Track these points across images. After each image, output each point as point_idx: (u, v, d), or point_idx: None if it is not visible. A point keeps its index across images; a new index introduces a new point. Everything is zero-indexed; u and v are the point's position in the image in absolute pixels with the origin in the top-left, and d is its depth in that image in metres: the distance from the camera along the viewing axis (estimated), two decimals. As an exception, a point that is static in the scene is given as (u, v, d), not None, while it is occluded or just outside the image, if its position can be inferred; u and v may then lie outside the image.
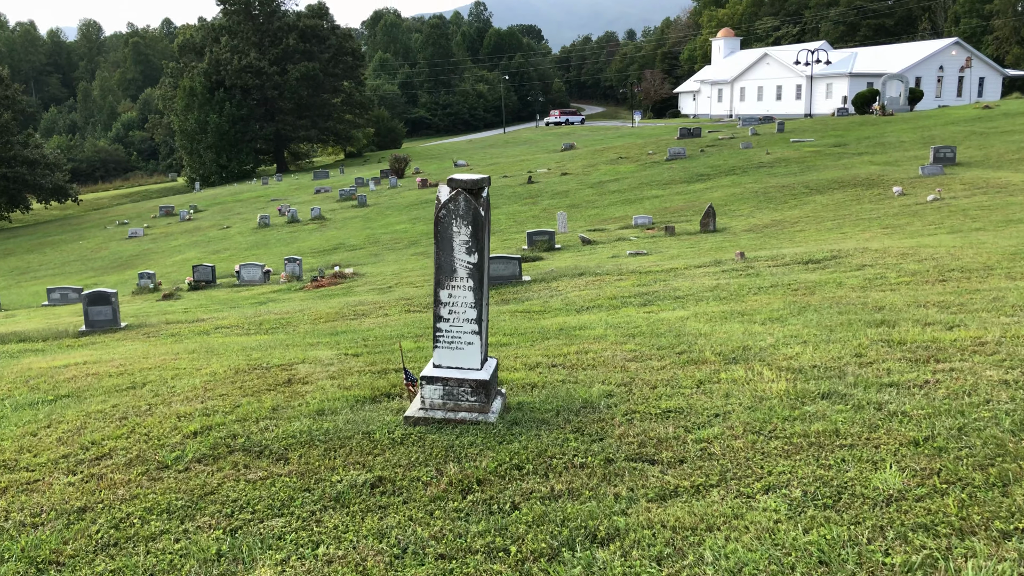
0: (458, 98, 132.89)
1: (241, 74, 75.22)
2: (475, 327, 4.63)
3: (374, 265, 27.26)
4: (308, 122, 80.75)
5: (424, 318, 11.10)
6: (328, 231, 38.01)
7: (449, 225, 4.41)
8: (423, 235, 33.82)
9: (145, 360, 8.28)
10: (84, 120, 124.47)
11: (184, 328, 12.43)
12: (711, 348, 6.26)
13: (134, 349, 10.05)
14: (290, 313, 13.48)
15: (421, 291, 17.88)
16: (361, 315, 12.58)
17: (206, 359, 7.80)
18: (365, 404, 5.33)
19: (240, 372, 6.67)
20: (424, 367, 4.86)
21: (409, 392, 5.01)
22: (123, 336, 12.23)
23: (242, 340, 10.37)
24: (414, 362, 6.63)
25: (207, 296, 22.69)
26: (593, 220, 32.72)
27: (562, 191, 40.73)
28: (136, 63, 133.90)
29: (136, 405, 5.81)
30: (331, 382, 6.03)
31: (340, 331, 10.28)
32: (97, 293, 12.92)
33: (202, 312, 18.38)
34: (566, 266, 18.99)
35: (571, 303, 10.78)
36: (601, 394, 5.14)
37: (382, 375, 6.25)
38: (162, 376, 6.86)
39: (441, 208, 4.40)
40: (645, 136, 68.29)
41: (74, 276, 35.46)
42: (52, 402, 6.39)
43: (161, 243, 40.71)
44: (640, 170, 44.40)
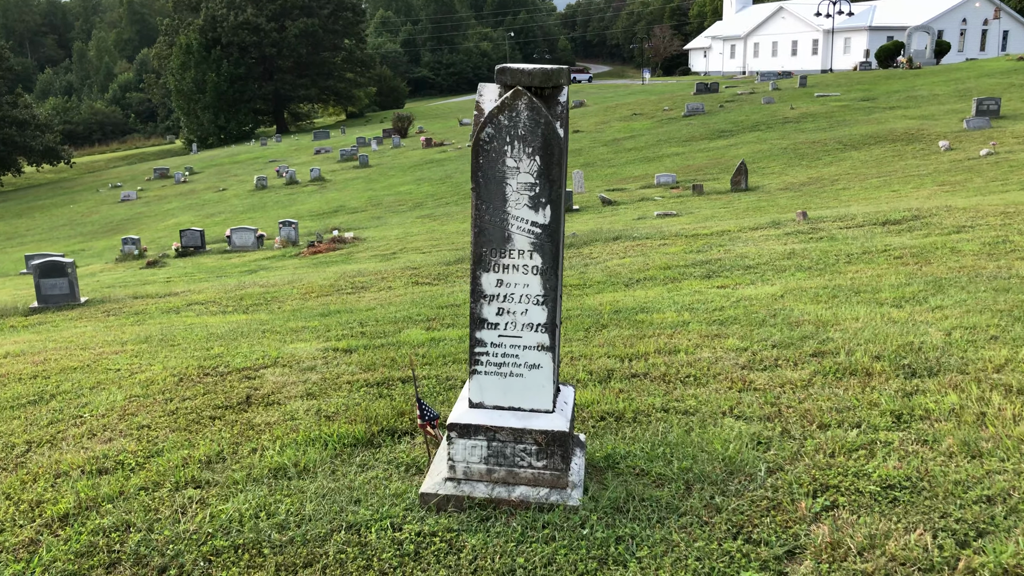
0: (461, 57, 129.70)
1: (238, 31, 72.27)
2: (544, 337, 2.71)
3: (376, 229, 25.28)
4: (308, 81, 77.88)
5: (435, 292, 9.16)
6: (328, 193, 35.99)
7: (499, 157, 2.47)
8: (428, 196, 31.83)
9: (79, 353, 6.37)
10: (80, 82, 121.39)
11: (152, 304, 10.52)
12: (861, 348, 4.32)
13: (79, 334, 8.14)
14: (278, 285, 11.55)
15: (429, 258, 15.92)
16: (360, 288, 10.64)
17: (152, 354, 5.89)
18: (355, 452, 3.41)
19: (185, 381, 4.77)
20: (451, 399, 2.93)
21: (427, 436, 3.07)
22: (79, 314, 10.33)
23: (213, 322, 8.44)
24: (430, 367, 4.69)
25: (194, 263, 20.76)
26: (611, 179, 30.64)
27: (575, 149, 38.57)
28: (132, 22, 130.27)
29: (13, 443, 3.90)
30: (307, 404, 4.12)
31: (332, 310, 8.35)
32: (50, 263, 10.99)
33: (182, 283, 16.47)
34: (591, 229, 17.00)
35: (615, 275, 8.81)
36: (746, 442, 3.18)
37: (383, 390, 4.34)
38: (81, 384, 4.96)
39: (486, 126, 2.48)
40: (658, 93, 65.66)
41: (62, 242, 33.60)
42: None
43: (154, 206, 38.75)
44: (657, 127, 42.15)
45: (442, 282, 10.52)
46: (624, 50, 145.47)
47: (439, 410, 3.35)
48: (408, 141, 50.10)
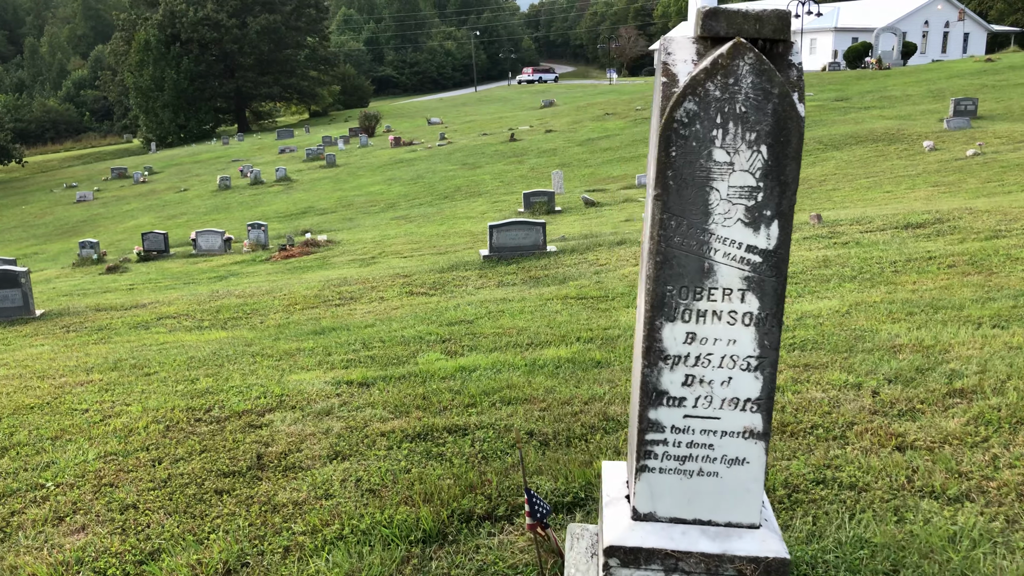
0: (426, 56, 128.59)
1: (198, 27, 70.22)
2: (754, 419, 1.87)
3: (350, 231, 24.26)
4: (271, 79, 76.04)
5: (436, 305, 8.28)
6: (295, 193, 34.80)
7: (704, 147, 1.60)
8: (401, 197, 30.85)
9: (36, 385, 5.39)
10: (32, 78, 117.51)
11: (117, 319, 9.47)
12: (1010, 385, 3.56)
13: (35, 356, 7.11)
14: (256, 296, 10.56)
15: (413, 263, 15.01)
16: (348, 299, 9.72)
17: (126, 388, 4.94)
18: (427, 554, 2.52)
19: (173, 430, 3.86)
20: (600, 512, 2.00)
21: (538, 537, 2.21)
22: (34, 330, 9.25)
23: (190, 341, 7.47)
24: (475, 410, 3.82)
25: (158, 268, 19.56)
26: (589, 180, 29.93)
27: (549, 149, 37.81)
28: (86, 18, 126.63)
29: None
30: (339, 471, 3.24)
31: (326, 327, 7.43)
32: (1, 273, 9.88)
33: (147, 292, 15.33)
34: (582, 232, 16.25)
35: (636, 285, 8.01)
36: (974, 542, 2.33)
37: (431, 447, 3.48)
38: (41, 433, 4.01)
39: (685, 99, 1.60)
40: (627, 93, 65.23)
41: (13, 245, 31.98)
42: None
43: (112, 207, 37.16)
44: (631, 126, 41.60)
45: (439, 292, 9.64)
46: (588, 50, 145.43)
47: (543, 503, 2.48)
48: (376, 140, 48.98)
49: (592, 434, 3.52)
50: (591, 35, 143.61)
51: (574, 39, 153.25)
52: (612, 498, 2.05)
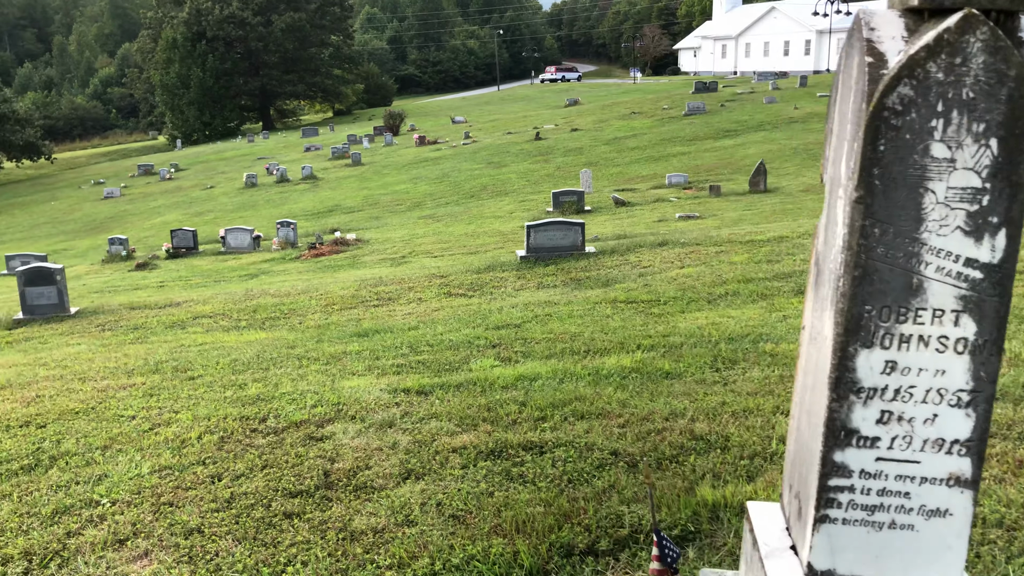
0: (448, 55, 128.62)
1: (223, 24, 70.53)
2: (962, 464, 1.58)
3: (377, 230, 24.10)
4: (295, 77, 76.24)
5: (479, 308, 8.05)
6: (321, 191, 34.75)
7: (918, 140, 1.36)
8: (427, 196, 30.68)
9: (79, 388, 5.21)
10: (61, 76, 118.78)
11: (152, 317, 9.33)
12: None
13: (74, 356, 6.96)
14: (292, 295, 10.39)
15: (444, 263, 14.81)
16: (387, 299, 9.52)
17: (172, 393, 4.75)
18: None
19: (229, 442, 3.65)
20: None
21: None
22: (70, 328, 9.13)
23: (229, 342, 7.29)
24: (548, 424, 3.57)
25: (188, 266, 19.50)
26: (617, 179, 29.63)
27: (575, 148, 37.53)
28: (113, 17, 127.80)
29: (6, 555, 2.76)
30: (416, 492, 3.01)
31: (368, 329, 7.23)
32: (36, 270, 9.78)
33: (179, 289, 15.24)
34: (616, 232, 15.98)
35: (688, 288, 7.74)
36: None
37: (509, 466, 3.23)
38: (89, 441, 3.81)
39: (898, 84, 1.33)
40: (652, 92, 64.79)
41: (43, 240, 32.17)
42: None
43: (139, 204, 37.32)
44: (658, 126, 41.24)
45: (478, 294, 9.41)
46: (611, 49, 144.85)
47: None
48: (400, 139, 48.91)
49: (684, 455, 3.27)
50: (614, 34, 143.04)
51: (597, 38, 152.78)
52: (773, 548, 1.79)
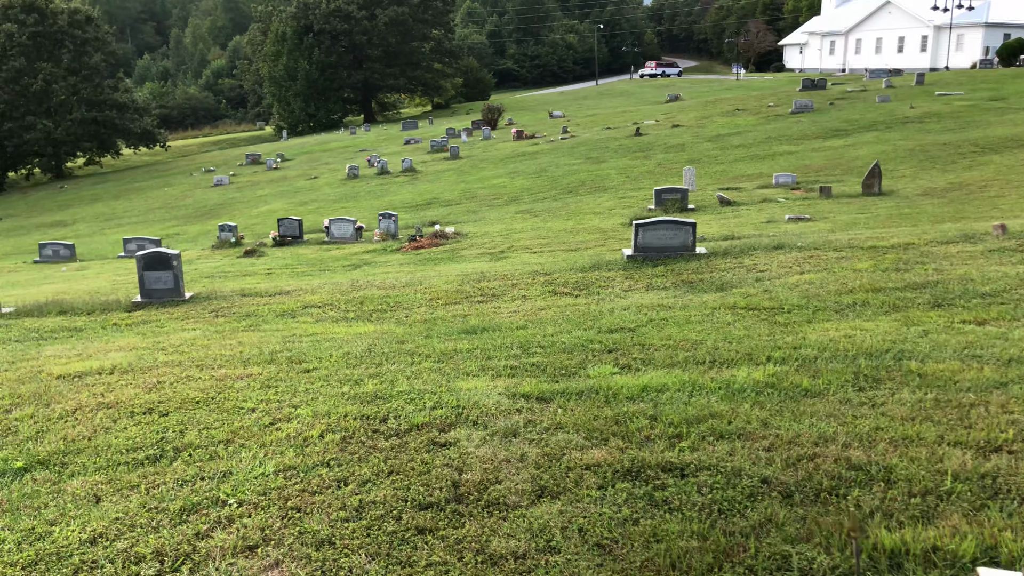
0: (547, 49, 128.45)
1: (329, 18, 72.35)
2: None
3: (475, 224, 24.15)
4: (396, 70, 77.55)
5: (587, 309, 7.83)
6: (420, 184, 35.15)
7: None
8: (524, 191, 30.61)
9: (197, 376, 5.26)
10: (176, 67, 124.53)
11: (263, 305, 9.49)
12: None
13: (190, 342, 7.10)
14: (395, 287, 10.40)
15: (544, 259, 14.63)
16: (491, 296, 9.40)
17: (288, 385, 4.71)
18: None
19: (351, 443, 3.56)
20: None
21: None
22: (185, 313, 9.37)
23: (339, 334, 7.30)
24: (699, 455, 3.32)
25: (293, 254, 19.97)
26: (721, 177, 28.88)
27: (676, 144, 36.80)
28: (226, 10, 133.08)
29: (138, 554, 2.70)
30: (554, 513, 2.82)
31: (475, 327, 7.11)
32: (155, 255, 10.09)
33: (286, 277, 15.58)
34: (722, 232, 15.47)
35: (812, 296, 7.31)
36: None
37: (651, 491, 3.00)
38: (212, 435, 3.79)
39: None
40: (756, 89, 63.02)
41: (157, 225, 33.66)
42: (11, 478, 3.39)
43: (246, 192, 38.61)
44: (763, 123, 40.06)
45: (585, 293, 9.18)
46: (712, 45, 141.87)
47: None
48: (498, 133, 49.04)
49: (844, 488, 2.98)
50: (716, 29, 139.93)
51: (698, 33, 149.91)
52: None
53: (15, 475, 3.66)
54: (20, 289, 16.05)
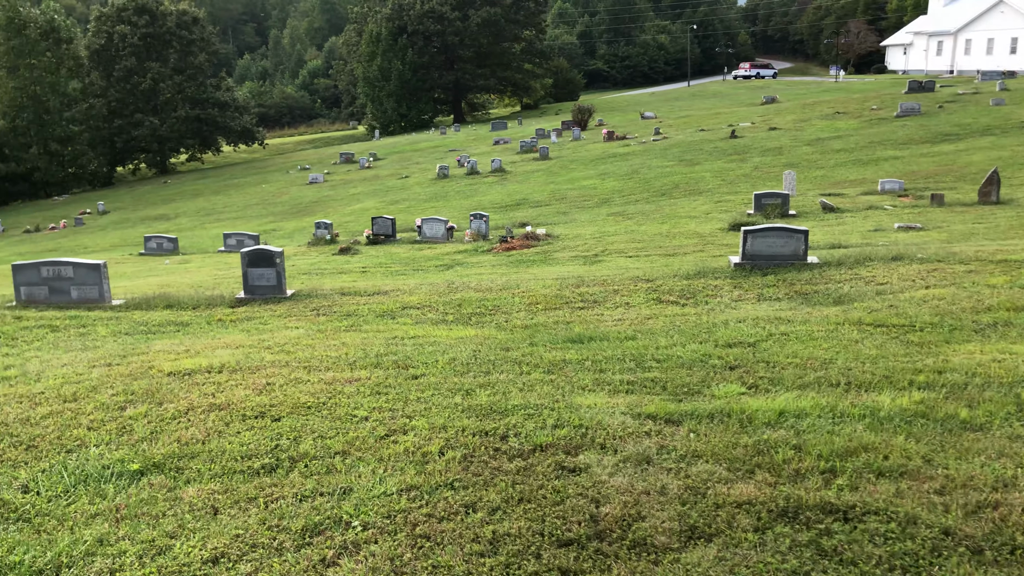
0: (638, 50, 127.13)
1: (423, 19, 73.27)
2: None
3: (566, 226, 23.87)
4: (487, 71, 77.96)
5: (697, 319, 7.46)
6: (509, 184, 35.08)
7: None
8: (615, 192, 30.16)
9: (305, 379, 5.17)
10: (274, 67, 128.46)
11: (363, 305, 9.46)
12: None
13: (295, 341, 7.07)
14: (492, 290, 10.24)
15: (643, 264, 14.24)
16: (592, 302, 9.12)
17: (398, 392, 4.56)
18: None
19: (473, 462, 3.36)
20: None
21: None
22: (287, 310, 9.42)
23: (440, 337, 7.16)
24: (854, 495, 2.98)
25: (386, 253, 20.13)
26: (821, 183, 27.81)
27: (773, 148, 35.70)
28: (323, 12, 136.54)
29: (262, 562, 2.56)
30: (706, 558, 2.55)
31: (580, 335, 6.85)
32: (259, 252, 10.20)
33: (381, 276, 15.65)
34: (828, 240, 14.76)
35: (945, 313, 6.76)
36: None
37: (815, 536, 2.67)
38: (327, 444, 3.64)
39: None
40: (857, 91, 60.71)
41: (254, 220, 34.61)
42: (127, 481, 3.31)
43: (340, 190, 39.35)
44: (865, 127, 38.49)
45: (692, 302, 8.80)
46: (808, 46, 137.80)
47: None
48: (588, 134, 48.61)
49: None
50: (813, 30, 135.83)
51: (794, 34, 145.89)
52: None
53: (132, 478, 3.61)
54: (127, 281, 16.62)
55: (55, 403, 5.06)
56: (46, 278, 10.11)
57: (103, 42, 62.83)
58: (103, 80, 63.20)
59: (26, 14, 56.91)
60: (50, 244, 34.43)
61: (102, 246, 31.53)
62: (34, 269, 10.12)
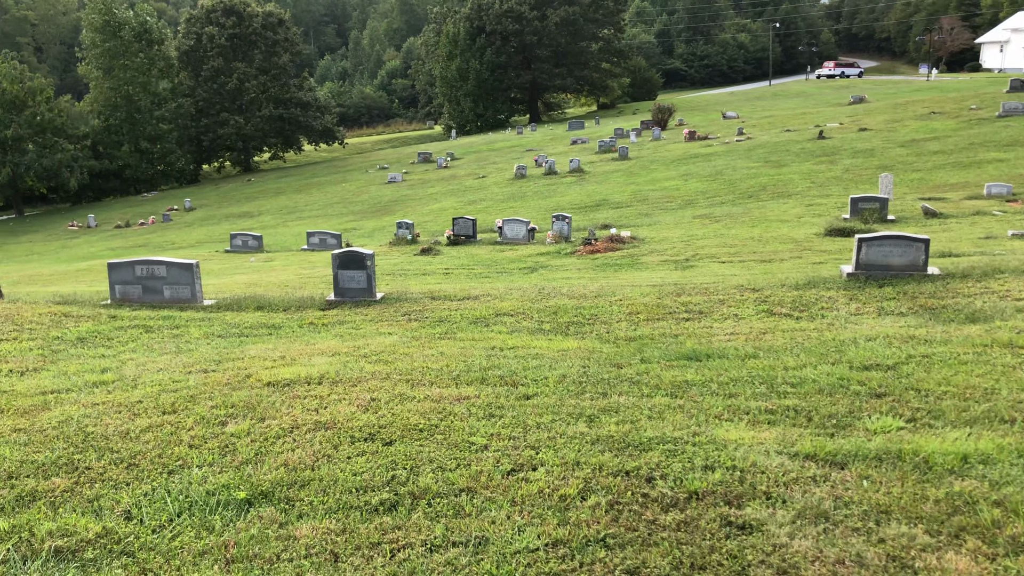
0: (717, 49, 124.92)
1: (502, 19, 73.19)
2: None
3: (650, 228, 23.23)
4: (564, 70, 77.39)
5: (820, 335, 6.88)
6: (588, 185, 34.53)
7: None
8: (699, 194, 29.33)
9: (410, 395, 4.84)
10: (353, 68, 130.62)
11: (454, 311, 9.15)
12: None
13: (390, 349, 6.78)
14: (586, 297, 9.80)
15: (739, 270, 13.60)
16: (697, 312, 8.60)
17: (516, 417, 4.19)
18: None
19: (621, 510, 2.94)
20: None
21: None
22: (378, 315, 9.18)
23: (542, 349, 6.76)
24: None
25: (467, 254, 19.88)
26: (919, 186, 26.46)
27: (865, 149, 34.26)
28: (402, 12, 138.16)
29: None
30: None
31: (699, 352, 6.35)
32: (350, 254, 9.99)
33: (465, 277, 15.38)
34: (934, 248, 13.82)
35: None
36: None
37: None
38: (449, 480, 3.28)
39: None
40: (952, 90, 58.00)
41: (335, 219, 34.93)
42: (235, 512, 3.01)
43: (418, 190, 39.44)
44: (964, 128, 36.60)
45: (805, 315, 8.20)
46: (895, 44, 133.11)
47: None
48: (669, 133, 47.64)
49: None
50: (901, 27, 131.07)
51: (880, 32, 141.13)
52: None
53: (239, 509, 3.31)
54: (215, 279, 16.76)
55: (154, 414, 4.85)
56: (140, 277, 10.12)
57: (192, 43, 64.71)
58: (191, 80, 65.12)
59: (121, 16, 59.00)
60: (139, 239, 35.45)
61: (188, 242, 32.27)
62: (128, 268, 10.14)
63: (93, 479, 3.81)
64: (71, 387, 5.88)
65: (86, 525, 3.33)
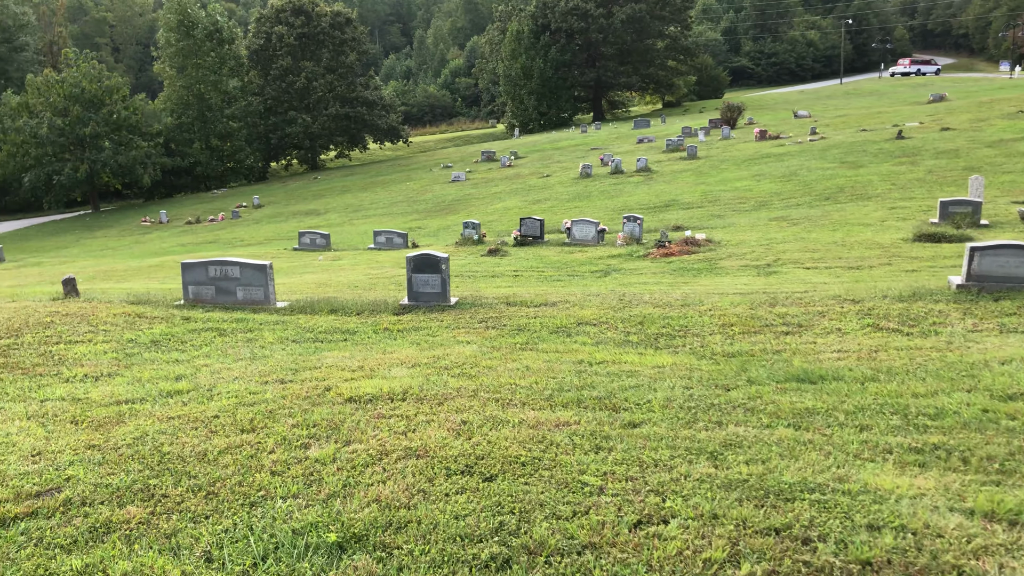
0: (785, 46, 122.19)
1: (567, 17, 72.55)
2: None
3: (724, 230, 22.46)
4: (629, 68, 76.32)
5: (943, 356, 6.26)
6: (656, 185, 33.76)
7: None
8: (772, 195, 28.36)
9: (503, 415, 4.42)
10: (418, 67, 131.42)
11: (533, 319, 8.72)
12: None
13: (470, 360, 6.40)
14: (672, 306, 9.26)
15: (827, 278, 12.88)
16: (795, 326, 8.00)
17: (626, 452, 3.75)
18: None
19: None
20: None
21: None
22: (454, 321, 8.81)
23: (635, 365, 6.29)
24: None
25: (536, 255, 19.45)
26: (1011, 189, 25.10)
27: (948, 150, 32.74)
28: (466, 11, 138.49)
29: None
30: None
31: (810, 373, 5.81)
32: (424, 258, 9.65)
33: (535, 280, 14.96)
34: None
35: None
36: None
37: None
38: (568, 534, 2.85)
39: None
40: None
41: (399, 218, 34.88)
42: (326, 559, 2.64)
43: (482, 188, 39.18)
44: (1057, 127, 34.75)
45: (917, 331, 7.53)
46: (973, 40, 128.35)
47: None
48: (738, 132, 46.45)
49: None
50: (980, 23, 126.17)
51: (957, 28, 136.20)
52: None
53: (330, 555, 2.94)
54: (284, 277, 16.68)
55: (232, 433, 4.54)
56: (213, 278, 9.96)
57: (262, 42, 65.72)
58: (260, 79, 66.16)
59: (194, 15, 60.25)
60: (209, 236, 35.98)
61: (257, 239, 32.58)
62: (201, 268, 9.99)
63: (170, 509, 3.50)
64: (145, 396, 5.64)
65: (163, 567, 3.00)
